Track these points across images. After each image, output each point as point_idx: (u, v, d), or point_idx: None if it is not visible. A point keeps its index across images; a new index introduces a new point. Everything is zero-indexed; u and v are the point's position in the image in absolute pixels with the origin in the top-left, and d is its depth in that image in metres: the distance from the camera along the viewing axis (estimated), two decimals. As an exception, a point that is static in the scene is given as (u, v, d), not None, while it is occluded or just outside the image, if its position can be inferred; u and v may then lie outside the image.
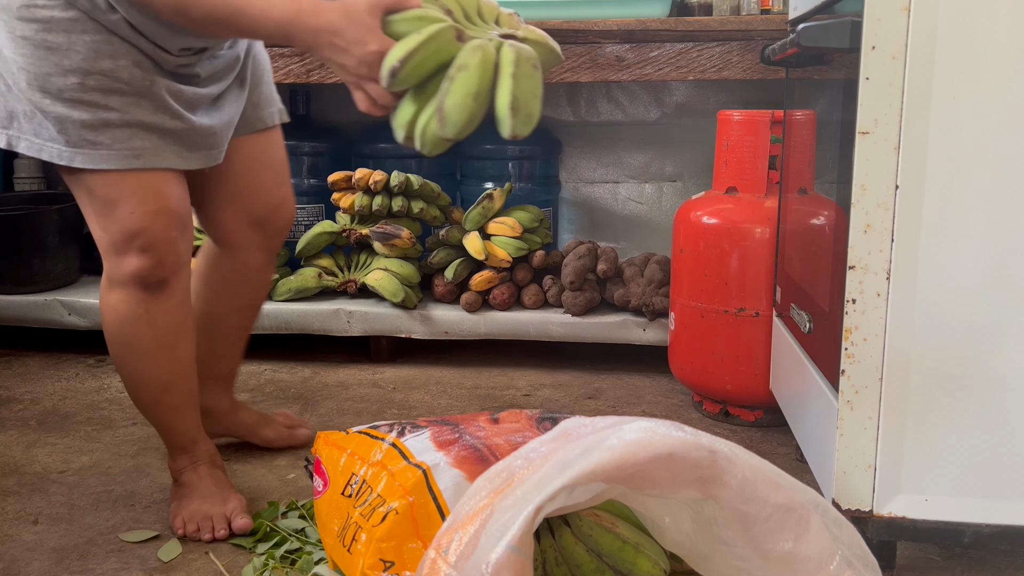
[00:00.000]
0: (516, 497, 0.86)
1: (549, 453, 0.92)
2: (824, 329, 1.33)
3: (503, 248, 2.21)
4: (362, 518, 1.13)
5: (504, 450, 1.17)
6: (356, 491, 1.18)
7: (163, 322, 1.34)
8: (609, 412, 1.95)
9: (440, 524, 1.05)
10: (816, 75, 1.51)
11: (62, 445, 1.75)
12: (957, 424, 1.17)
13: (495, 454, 1.17)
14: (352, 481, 1.21)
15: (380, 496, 1.13)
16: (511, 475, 0.91)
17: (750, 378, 1.80)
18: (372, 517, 1.11)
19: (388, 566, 1.07)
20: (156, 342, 1.35)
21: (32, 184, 2.73)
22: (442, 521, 1.07)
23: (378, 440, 1.24)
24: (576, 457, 0.87)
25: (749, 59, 1.99)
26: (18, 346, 2.40)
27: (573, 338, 2.17)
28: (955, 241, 1.13)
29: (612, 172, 2.62)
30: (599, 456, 0.86)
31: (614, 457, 0.86)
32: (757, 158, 1.80)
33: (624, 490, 0.90)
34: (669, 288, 2.05)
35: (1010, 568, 1.32)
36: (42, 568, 1.30)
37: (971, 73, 1.10)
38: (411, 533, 1.09)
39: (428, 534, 1.08)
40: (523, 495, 0.86)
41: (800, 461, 1.68)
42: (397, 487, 1.13)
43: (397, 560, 1.08)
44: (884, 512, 1.19)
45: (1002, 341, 1.15)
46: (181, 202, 1.34)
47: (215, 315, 1.56)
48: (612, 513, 1.11)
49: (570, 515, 1.09)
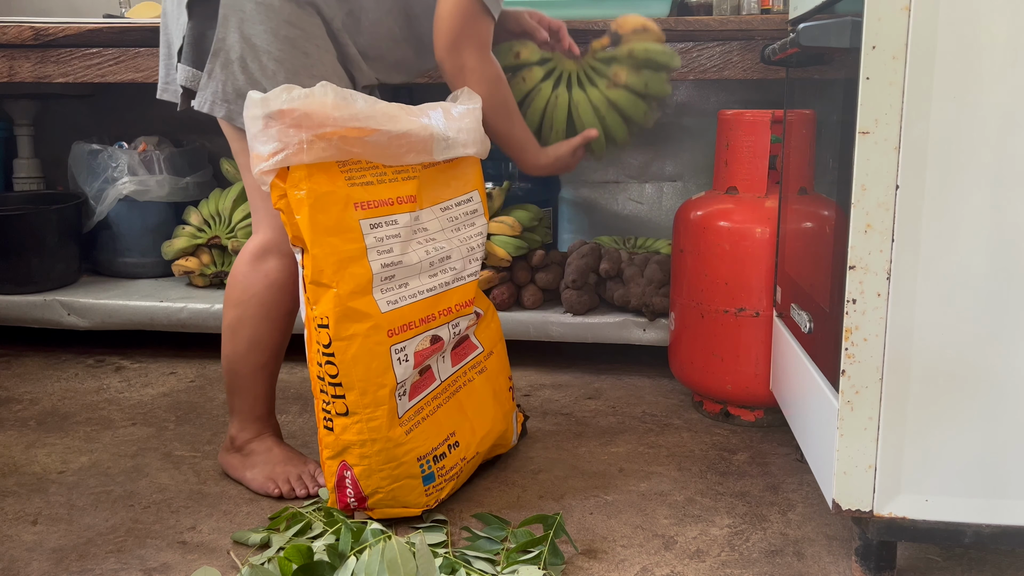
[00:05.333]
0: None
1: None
2: (824, 329, 1.33)
3: (502, 247, 2.20)
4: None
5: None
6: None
7: (298, 294, 1.48)
8: (609, 412, 1.95)
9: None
10: (816, 75, 1.51)
11: (61, 445, 1.75)
12: (957, 424, 1.17)
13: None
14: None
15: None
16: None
17: (750, 378, 1.80)
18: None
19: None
20: (288, 310, 1.52)
21: (32, 184, 2.73)
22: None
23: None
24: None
25: (749, 59, 1.99)
26: (17, 346, 2.40)
27: (573, 338, 2.16)
28: (955, 241, 1.13)
29: (612, 172, 2.62)
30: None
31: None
32: (757, 158, 1.80)
33: None
34: (669, 288, 2.05)
35: (1011, 568, 1.32)
36: (41, 568, 1.30)
37: (971, 73, 1.10)
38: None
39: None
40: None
41: (800, 461, 1.68)
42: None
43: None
44: (884, 512, 1.19)
45: (1002, 341, 1.14)
46: None
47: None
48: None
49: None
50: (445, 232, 1.48)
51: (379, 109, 1.35)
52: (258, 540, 1.36)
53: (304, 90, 1.29)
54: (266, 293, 1.50)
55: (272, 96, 1.29)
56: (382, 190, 1.38)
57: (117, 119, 2.77)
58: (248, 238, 2.33)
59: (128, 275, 2.51)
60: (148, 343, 2.41)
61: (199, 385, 2.12)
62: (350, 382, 1.34)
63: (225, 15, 1.45)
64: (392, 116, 1.36)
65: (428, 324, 1.42)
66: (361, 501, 1.38)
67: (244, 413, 1.56)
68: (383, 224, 1.37)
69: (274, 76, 1.44)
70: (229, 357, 1.54)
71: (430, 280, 1.44)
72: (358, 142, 1.33)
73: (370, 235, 1.35)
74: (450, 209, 1.51)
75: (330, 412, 1.37)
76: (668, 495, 1.54)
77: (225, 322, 1.53)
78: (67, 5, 2.74)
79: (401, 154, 1.38)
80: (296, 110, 1.28)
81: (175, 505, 1.50)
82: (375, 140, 1.34)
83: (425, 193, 1.45)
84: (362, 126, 1.32)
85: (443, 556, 1.28)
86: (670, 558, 1.34)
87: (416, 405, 1.42)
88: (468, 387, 1.54)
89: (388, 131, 1.35)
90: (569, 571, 1.30)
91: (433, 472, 1.41)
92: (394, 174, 1.40)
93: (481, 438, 1.53)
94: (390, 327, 1.36)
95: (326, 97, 1.29)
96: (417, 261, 1.41)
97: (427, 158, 1.43)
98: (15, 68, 2.17)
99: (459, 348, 1.54)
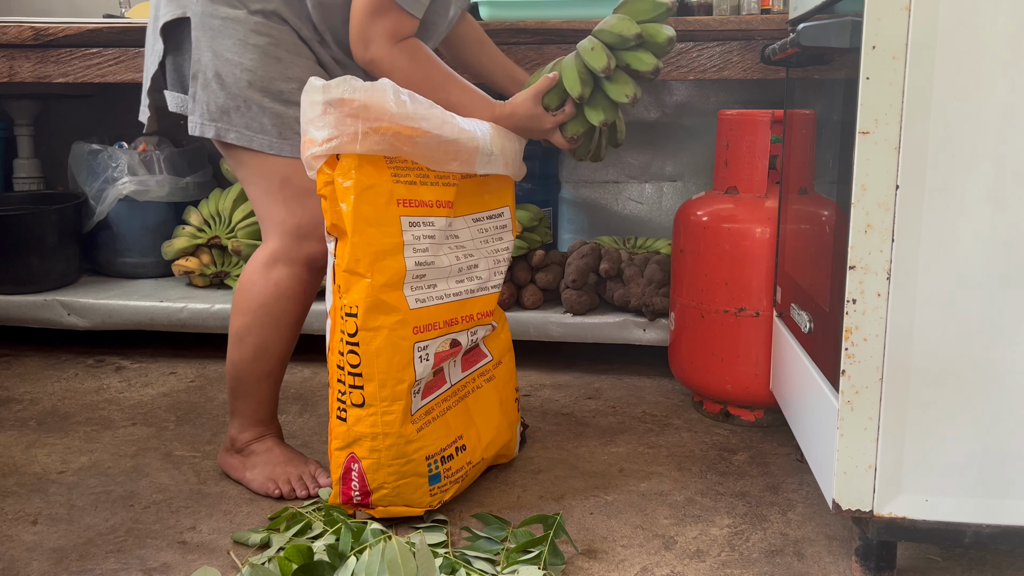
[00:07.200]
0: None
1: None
2: (824, 329, 1.33)
3: (503, 248, 2.20)
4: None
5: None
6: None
7: (308, 303, 1.54)
8: (609, 412, 1.95)
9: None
10: (816, 75, 1.51)
11: (61, 445, 1.75)
12: (957, 424, 1.17)
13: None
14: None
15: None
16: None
17: (750, 378, 1.80)
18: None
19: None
20: (296, 319, 1.54)
21: (32, 184, 2.73)
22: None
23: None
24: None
25: (749, 59, 1.99)
26: (17, 346, 2.40)
27: (573, 338, 2.16)
28: (955, 241, 1.13)
29: (612, 172, 2.62)
30: None
31: None
32: (757, 158, 1.80)
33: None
34: (669, 288, 2.05)
35: (1011, 568, 1.32)
36: (41, 568, 1.30)
37: (971, 73, 1.10)
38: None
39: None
40: None
41: (800, 461, 1.68)
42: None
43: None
44: (884, 512, 1.19)
45: (1002, 341, 1.14)
46: None
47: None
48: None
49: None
50: (475, 242, 1.52)
51: (434, 113, 1.38)
52: (258, 540, 1.36)
53: (366, 83, 1.32)
54: (275, 302, 1.50)
55: (334, 84, 1.31)
56: (423, 191, 1.41)
57: (117, 119, 2.76)
58: (248, 238, 2.34)
59: (128, 275, 2.51)
60: (148, 343, 2.41)
61: (199, 385, 2.12)
62: (371, 373, 1.35)
63: (197, 36, 1.49)
64: (445, 122, 1.39)
65: (451, 327, 1.44)
66: (365, 496, 1.38)
67: (246, 417, 1.57)
68: (421, 224, 1.40)
69: (250, 86, 1.47)
70: (235, 363, 1.54)
71: (457, 285, 1.46)
72: (409, 141, 1.35)
73: (408, 232, 1.38)
74: (481, 221, 1.54)
75: (345, 402, 1.38)
76: (668, 495, 1.54)
77: (232, 329, 1.54)
78: (67, 5, 2.74)
79: (446, 160, 1.41)
80: (356, 100, 1.30)
81: (175, 505, 1.50)
82: (425, 142, 1.37)
83: (460, 202, 1.48)
84: (415, 126, 1.35)
85: (443, 556, 1.28)
86: (670, 558, 1.34)
87: (427, 405, 1.42)
88: (476, 393, 1.55)
89: (439, 135, 1.38)
90: (569, 571, 1.29)
91: (440, 472, 1.42)
92: (436, 178, 1.43)
93: (487, 444, 1.53)
94: (416, 324, 1.38)
95: (386, 93, 1.32)
96: (447, 265, 1.44)
97: (469, 169, 1.46)
98: (15, 68, 2.17)
99: (469, 355, 1.55)
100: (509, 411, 1.62)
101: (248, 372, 1.54)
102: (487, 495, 1.54)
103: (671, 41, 1.49)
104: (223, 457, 1.61)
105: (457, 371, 1.51)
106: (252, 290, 1.51)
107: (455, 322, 1.45)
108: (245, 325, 1.52)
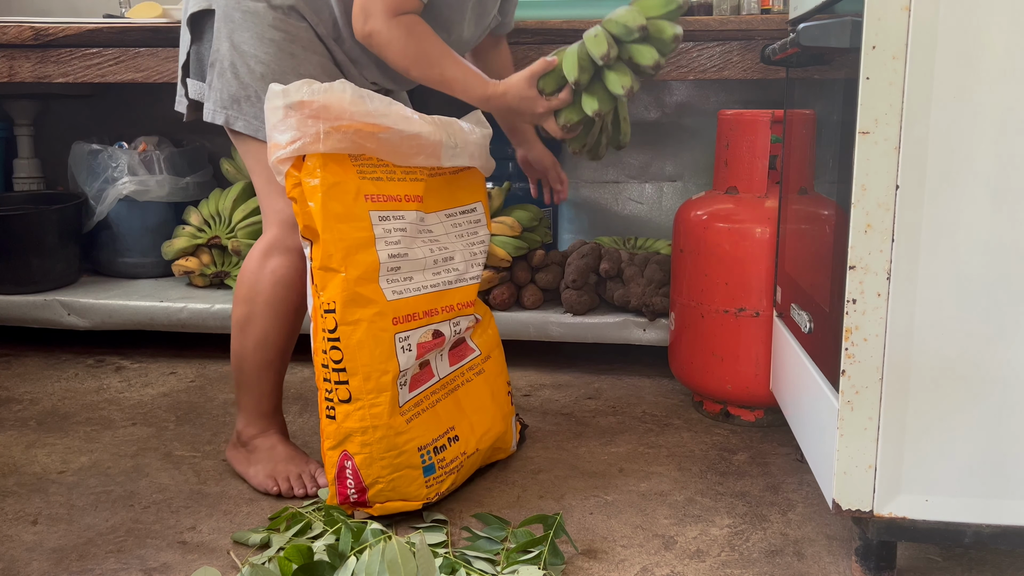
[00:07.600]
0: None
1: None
2: (824, 329, 1.33)
3: (502, 247, 2.20)
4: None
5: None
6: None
7: (304, 292, 1.53)
8: (609, 412, 1.95)
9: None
10: (816, 75, 1.51)
11: (61, 445, 1.75)
12: (957, 424, 1.17)
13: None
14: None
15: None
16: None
17: (750, 378, 1.80)
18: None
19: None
20: (294, 307, 1.54)
21: (32, 184, 2.73)
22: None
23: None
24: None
25: (749, 59, 1.99)
26: (17, 346, 2.40)
27: (573, 338, 2.16)
28: (955, 241, 1.13)
29: (612, 172, 2.62)
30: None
31: None
32: (757, 158, 1.80)
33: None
34: (669, 288, 2.05)
35: (1011, 568, 1.32)
36: (41, 568, 1.30)
37: (971, 73, 1.10)
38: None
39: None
40: None
41: (800, 461, 1.68)
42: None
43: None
44: (884, 512, 1.19)
45: (1002, 341, 1.14)
46: None
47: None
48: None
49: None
50: (449, 236, 1.53)
51: (394, 110, 1.40)
52: (258, 540, 1.36)
53: (323, 84, 1.35)
54: (272, 290, 1.52)
55: (293, 88, 1.34)
56: (391, 187, 1.43)
57: (117, 119, 2.77)
58: (248, 238, 2.35)
59: (128, 275, 2.51)
60: (148, 343, 2.41)
61: (199, 385, 2.12)
62: (354, 367, 1.36)
63: (218, 27, 1.52)
64: (405, 117, 1.42)
65: (431, 318, 1.46)
66: (361, 492, 1.38)
67: (250, 409, 1.58)
68: (391, 218, 1.42)
69: (262, 79, 1.49)
70: (237, 353, 1.56)
71: (434, 277, 1.48)
72: (372, 137, 1.38)
73: (379, 226, 1.40)
74: (454, 216, 1.56)
75: (332, 400, 1.39)
76: (668, 495, 1.54)
77: (234, 319, 1.56)
78: (67, 5, 2.74)
79: (411, 155, 1.44)
80: (315, 102, 1.33)
81: (175, 505, 1.50)
82: (388, 137, 1.39)
83: (431, 199, 1.50)
84: (376, 123, 1.38)
85: (443, 556, 1.28)
86: (670, 558, 1.34)
87: (416, 397, 1.43)
88: (466, 387, 1.56)
89: (400, 130, 1.40)
90: (569, 571, 1.30)
91: (433, 463, 1.42)
92: (403, 174, 1.45)
93: (481, 435, 1.53)
94: (395, 315, 1.40)
95: (344, 92, 1.35)
96: (422, 257, 1.46)
97: (435, 162, 1.48)
98: (15, 68, 2.17)
99: (456, 349, 1.56)
100: (502, 404, 1.63)
101: (249, 362, 1.56)
102: (487, 495, 1.54)
103: (676, 39, 1.48)
104: (230, 451, 1.63)
105: (445, 365, 1.52)
106: (251, 279, 1.54)
107: (435, 312, 1.47)
108: (245, 315, 1.54)
